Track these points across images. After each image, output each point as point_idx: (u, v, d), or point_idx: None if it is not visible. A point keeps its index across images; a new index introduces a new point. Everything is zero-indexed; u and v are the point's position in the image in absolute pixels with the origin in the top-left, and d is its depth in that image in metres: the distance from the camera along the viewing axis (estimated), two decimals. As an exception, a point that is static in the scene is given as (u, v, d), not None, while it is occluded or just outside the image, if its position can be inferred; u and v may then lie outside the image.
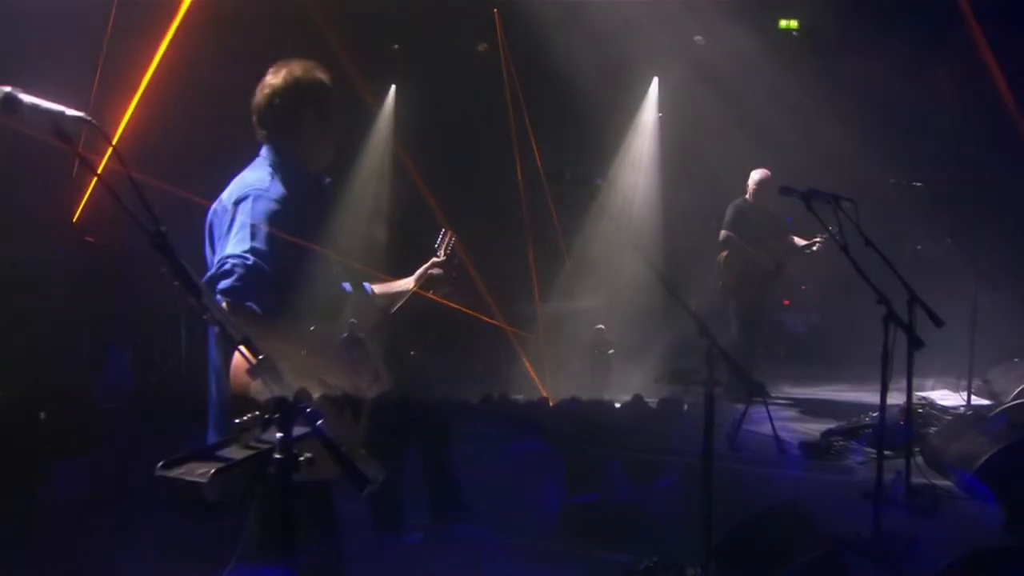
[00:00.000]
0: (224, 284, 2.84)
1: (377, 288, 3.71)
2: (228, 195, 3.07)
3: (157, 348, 8.82)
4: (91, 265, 8.82)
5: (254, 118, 3.24)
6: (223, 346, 3.01)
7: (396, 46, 11.56)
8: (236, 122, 3.34)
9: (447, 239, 4.13)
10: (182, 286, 1.97)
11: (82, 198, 8.98)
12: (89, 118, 2.01)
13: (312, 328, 2.99)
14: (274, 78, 3.20)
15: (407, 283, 3.92)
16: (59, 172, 7.84)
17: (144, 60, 8.76)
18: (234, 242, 2.91)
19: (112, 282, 8.39)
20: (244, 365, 2.86)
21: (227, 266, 2.86)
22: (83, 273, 8.75)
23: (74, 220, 9.08)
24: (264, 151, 3.21)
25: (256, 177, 3.09)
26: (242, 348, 1.98)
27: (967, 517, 5.58)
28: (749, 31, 10.40)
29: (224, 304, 2.81)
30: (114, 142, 2.06)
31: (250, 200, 2.98)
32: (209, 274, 2.93)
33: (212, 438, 3.07)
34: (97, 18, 8.09)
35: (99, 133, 2.00)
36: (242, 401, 2.86)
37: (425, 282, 3.95)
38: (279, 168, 3.13)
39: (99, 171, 2.09)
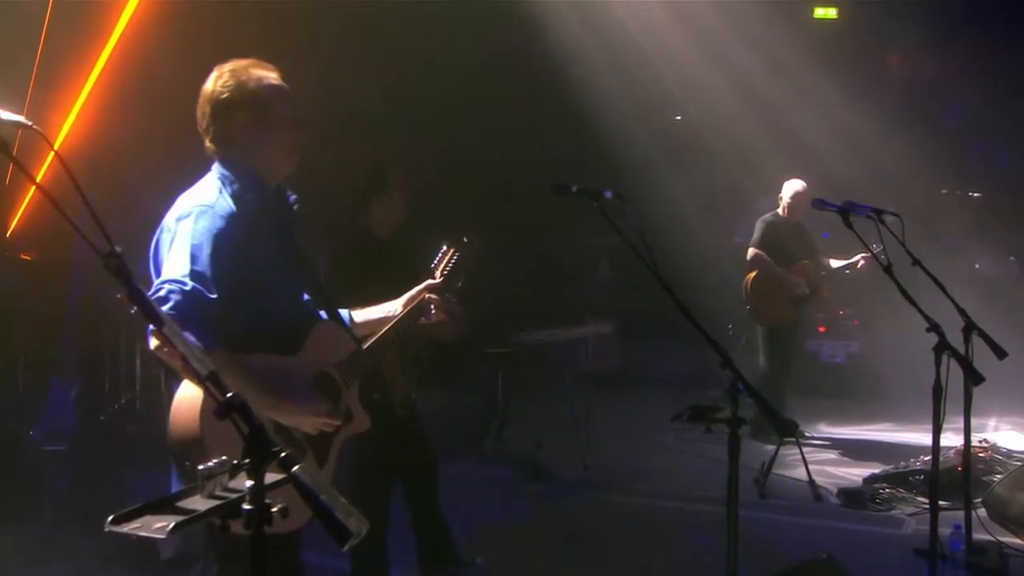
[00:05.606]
0: None
1: (357, 316, 3.63)
2: (171, 212, 3.08)
3: (107, 382, 8.78)
4: (28, 287, 8.81)
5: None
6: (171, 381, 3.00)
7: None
8: (194, 128, 3.32)
9: (448, 256, 3.89)
10: (140, 313, 1.97)
11: (17, 210, 8.99)
12: (28, 122, 2.02)
13: (259, 360, 2.99)
14: (210, 82, 3.18)
15: (392, 308, 3.71)
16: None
17: (89, 56, 8.77)
18: (173, 265, 2.92)
19: (53, 306, 8.37)
20: (189, 404, 2.85)
21: (162, 291, 2.86)
22: (19, 296, 8.74)
23: (7, 235, 9.09)
24: (215, 164, 3.21)
25: (202, 192, 3.11)
26: (208, 385, 1.97)
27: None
28: (781, 22, 10.44)
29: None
30: (56, 147, 2.06)
31: (192, 217, 2.99)
32: None
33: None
34: (34, 8, 8.11)
35: (39, 137, 2.01)
36: (190, 445, 2.80)
37: (415, 309, 3.70)
38: (229, 182, 3.14)
39: (38, 180, 2.09)
